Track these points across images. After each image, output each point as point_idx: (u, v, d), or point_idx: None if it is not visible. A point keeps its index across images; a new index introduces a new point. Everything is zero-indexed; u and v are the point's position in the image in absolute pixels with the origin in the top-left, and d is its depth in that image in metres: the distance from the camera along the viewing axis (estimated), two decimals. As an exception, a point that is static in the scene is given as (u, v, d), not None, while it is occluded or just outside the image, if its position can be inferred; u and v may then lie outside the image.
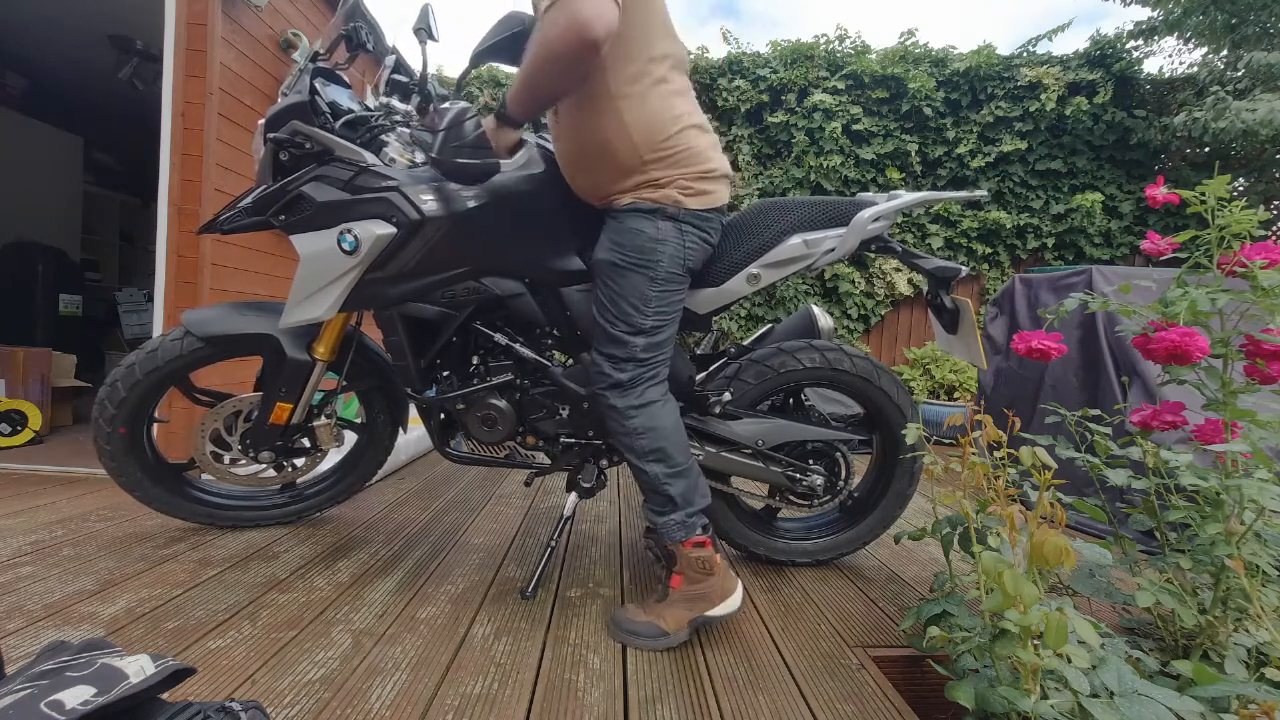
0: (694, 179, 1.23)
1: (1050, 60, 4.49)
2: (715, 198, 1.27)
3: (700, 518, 1.27)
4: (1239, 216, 1.05)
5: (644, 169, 1.21)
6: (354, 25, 1.47)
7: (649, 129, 1.19)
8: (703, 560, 1.25)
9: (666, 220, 1.22)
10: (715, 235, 1.32)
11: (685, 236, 1.24)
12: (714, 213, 1.28)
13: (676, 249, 1.23)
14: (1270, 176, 4.34)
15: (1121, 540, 1.23)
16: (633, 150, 1.19)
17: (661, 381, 1.30)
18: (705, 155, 1.24)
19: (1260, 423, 1.04)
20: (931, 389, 4.06)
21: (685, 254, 1.25)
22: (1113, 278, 2.15)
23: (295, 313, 1.34)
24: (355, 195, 1.26)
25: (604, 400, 1.27)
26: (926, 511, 2.16)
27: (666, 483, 1.25)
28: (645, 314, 1.24)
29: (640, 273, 1.23)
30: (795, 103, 4.52)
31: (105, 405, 1.49)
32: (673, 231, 1.23)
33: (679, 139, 1.21)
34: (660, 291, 1.24)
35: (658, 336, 1.26)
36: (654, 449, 1.25)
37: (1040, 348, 1.16)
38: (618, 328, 1.24)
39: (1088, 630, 0.76)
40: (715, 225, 1.30)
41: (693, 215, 1.24)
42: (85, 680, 0.62)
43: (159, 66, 2.51)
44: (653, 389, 1.28)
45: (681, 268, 1.25)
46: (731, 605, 1.26)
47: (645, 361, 1.26)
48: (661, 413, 1.27)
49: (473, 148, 1.17)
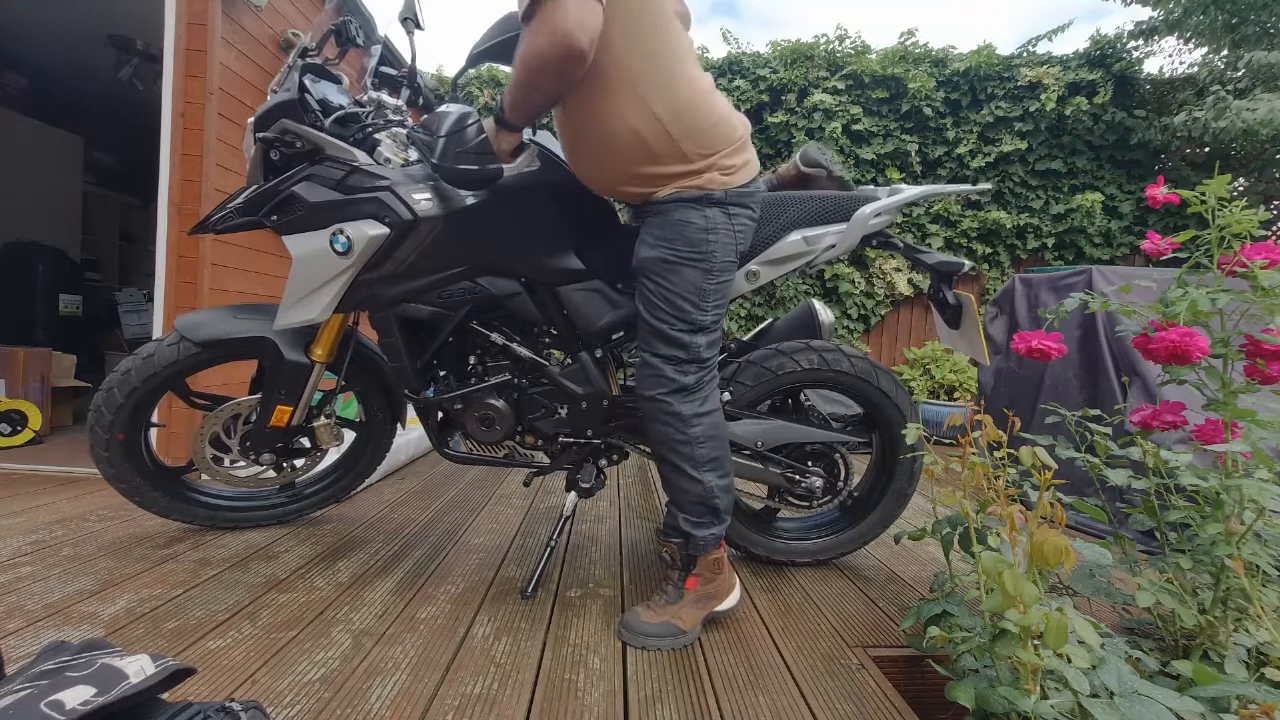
0: (731, 154, 1.16)
1: (1050, 60, 4.49)
2: (751, 167, 1.20)
3: (726, 524, 1.28)
4: (1239, 216, 1.05)
5: (681, 154, 1.13)
6: (344, 19, 1.46)
7: (676, 109, 1.11)
8: (718, 561, 1.27)
9: (713, 207, 1.16)
10: (759, 209, 1.25)
11: (734, 220, 1.18)
12: (754, 185, 1.21)
13: (728, 235, 1.17)
14: (1270, 176, 4.34)
15: (1121, 540, 1.23)
16: (663, 135, 1.12)
17: (715, 381, 1.27)
18: (732, 123, 1.17)
19: (1260, 423, 1.04)
20: (931, 389, 4.06)
21: (736, 239, 1.19)
22: (1113, 278, 2.15)
23: (289, 315, 1.33)
24: (347, 195, 1.26)
25: (665, 407, 1.20)
26: (926, 511, 2.16)
27: (718, 496, 1.23)
28: (705, 309, 1.18)
29: (695, 266, 1.16)
30: (795, 103, 4.52)
31: (102, 412, 1.48)
32: (722, 218, 1.16)
33: (708, 113, 1.14)
34: (717, 284, 1.19)
35: (715, 333, 1.22)
36: (713, 458, 1.22)
37: (1040, 348, 1.16)
38: (676, 327, 1.18)
39: (1088, 630, 0.76)
40: (757, 199, 1.23)
41: (738, 195, 1.18)
42: (85, 680, 0.62)
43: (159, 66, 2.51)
44: (714, 391, 1.24)
45: (735, 254, 1.20)
46: (735, 599, 1.29)
47: (707, 362, 1.21)
48: (719, 419, 1.24)
49: (475, 153, 1.17)
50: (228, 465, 1.63)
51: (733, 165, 1.17)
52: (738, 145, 1.18)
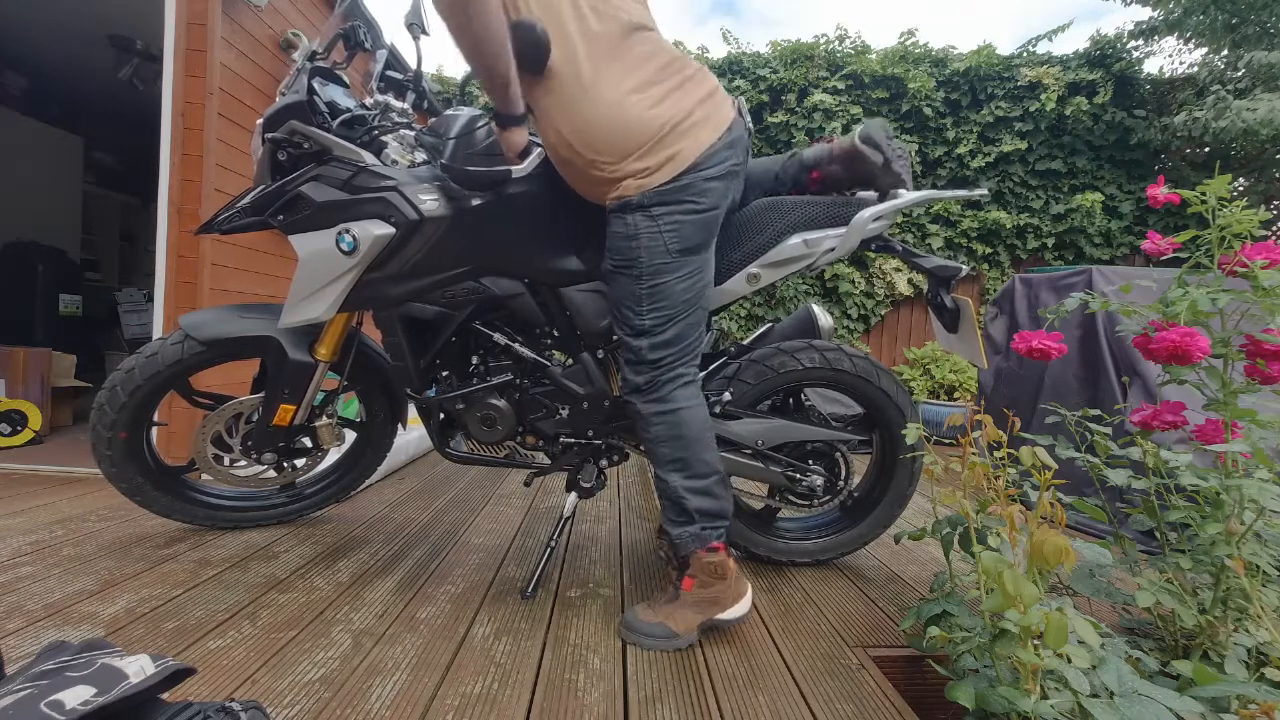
0: (643, 155, 1.13)
1: (1050, 60, 4.49)
2: (679, 159, 1.13)
3: (718, 529, 1.24)
4: (1239, 216, 1.05)
5: (598, 168, 1.14)
6: (352, 24, 1.47)
7: (578, 130, 1.13)
8: (715, 565, 1.23)
9: (634, 212, 1.15)
10: (708, 193, 1.17)
11: (660, 220, 1.15)
12: (691, 172, 1.14)
13: (653, 238, 1.15)
14: (1270, 176, 4.35)
15: (1121, 540, 1.23)
16: (576, 155, 1.15)
17: (688, 383, 1.24)
18: (645, 124, 1.11)
19: (1260, 423, 1.04)
20: (931, 389, 4.06)
21: (665, 239, 1.16)
22: (1113, 278, 2.15)
23: (294, 313, 1.34)
24: (354, 195, 1.26)
25: (630, 407, 1.25)
26: (926, 511, 2.16)
27: (684, 495, 1.22)
28: (640, 314, 1.20)
29: (625, 274, 1.19)
30: (795, 103, 4.52)
31: (105, 410, 1.48)
32: (644, 221, 1.15)
33: (609, 127, 1.12)
34: (650, 288, 1.18)
35: (662, 335, 1.20)
36: (674, 459, 1.22)
37: (1040, 348, 1.16)
38: (624, 331, 1.23)
39: (1088, 630, 0.76)
40: (695, 188, 1.15)
41: (657, 194, 1.14)
42: (85, 680, 0.62)
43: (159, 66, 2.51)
44: (678, 391, 1.22)
45: (669, 254, 1.16)
46: (741, 609, 1.23)
47: (657, 363, 1.21)
48: (686, 419, 1.22)
49: (484, 155, 1.16)
50: (229, 464, 1.63)
51: (646, 167, 1.13)
52: (650, 145, 1.13)
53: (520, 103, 1.13)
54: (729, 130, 1.18)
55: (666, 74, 1.16)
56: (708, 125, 1.16)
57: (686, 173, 1.14)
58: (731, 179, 1.21)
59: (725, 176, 1.18)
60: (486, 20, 1.02)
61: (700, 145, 1.14)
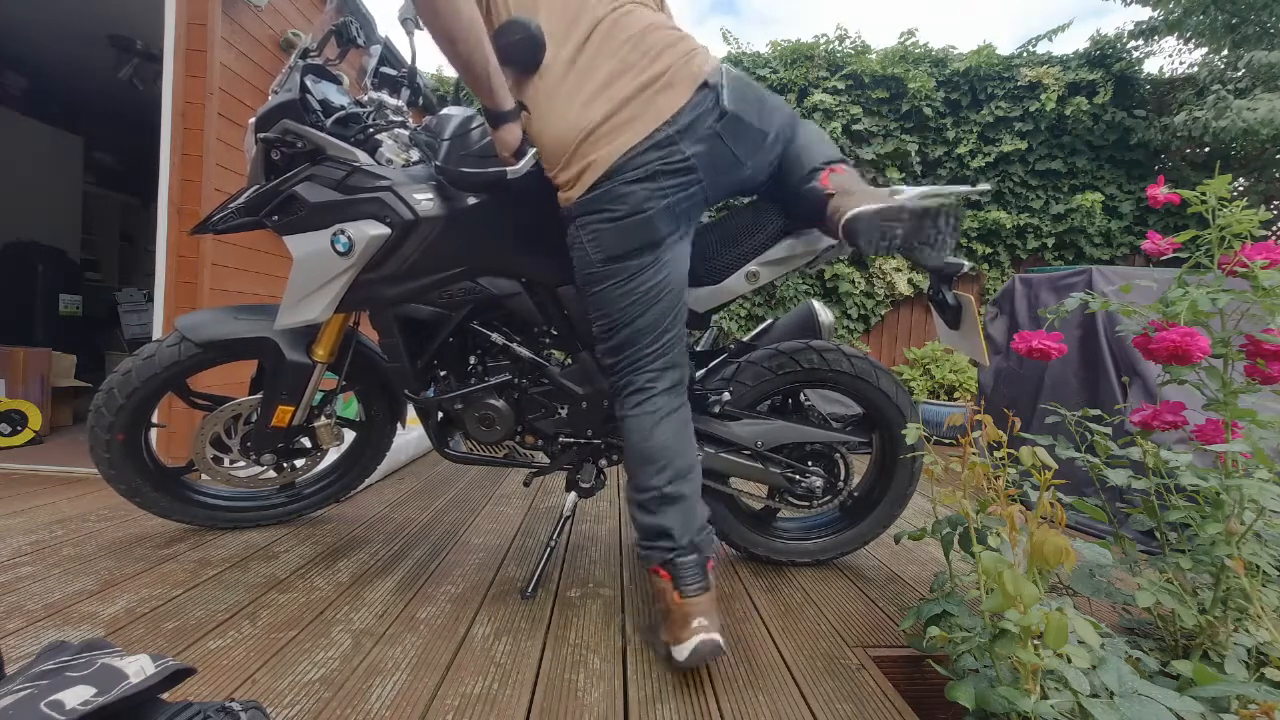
0: (562, 170, 1.13)
1: (1050, 60, 4.49)
2: (593, 168, 1.09)
3: (656, 549, 1.16)
4: (1240, 216, 1.05)
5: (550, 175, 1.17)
6: (345, 19, 1.46)
7: (537, 127, 1.13)
8: (659, 591, 1.16)
9: (569, 224, 1.17)
10: (625, 199, 1.09)
11: (585, 230, 1.14)
12: (607, 180, 1.09)
13: (580, 249, 1.16)
14: (1271, 176, 4.35)
15: (1121, 540, 1.23)
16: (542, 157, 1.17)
17: (634, 391, 1.19)
18: (566, 130, 1.09)
19: (1261, 423, 1.04)
20: (931, 389, 4.06)
21: (589, 250, 1.14)
22: (1113, 278, 2.15)
23: (290, 315, 1.33)
24: (348, 195, 1.26)
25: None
26: (926, 511, 2.16)
27: (631, 505, 1.21)
28: (593, 321, 1.22)
29: (572, 284, 1.23)
30: (795, 103, 4.52)
31: (102, 412, 1.48)
32: (575, 233, 1.16)
33: (545, 128, 1.12)
34: (591, 296, 1.19)
35: (610, 342, 1.19)
36: (627, 467, 1.22)
37: (1040, 347, 1.16)
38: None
39: (1088, 630, 0.76)
40: (616, 191, 1.09)
41: (579, 206, 1.13)
42: (85, 680, 0.62)
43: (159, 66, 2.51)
44: (627, 399, 1.20)
45: (595, 264, 1.15)
46: (678, 654, 1.06)
47: (611, 369, 1.22)
48: (629, 427, 1.19)
49: (479, 156, 1.16)
50: (228, 465, 1.63)
51: (568, 180, 1.13)
52: (568, 157, 1.11)
53: (506, 98, 1.09)
54: (668, 123, 1.08)
55: (617, 57, 1.10)
56: (632, 127, 1.08)
57: (602, 180, 1.09)
58: (666, 176, 1.10)
59: (651, 177, 1.09)
60: (456, 8, 1.00)
61: (617, 151, 1.08)
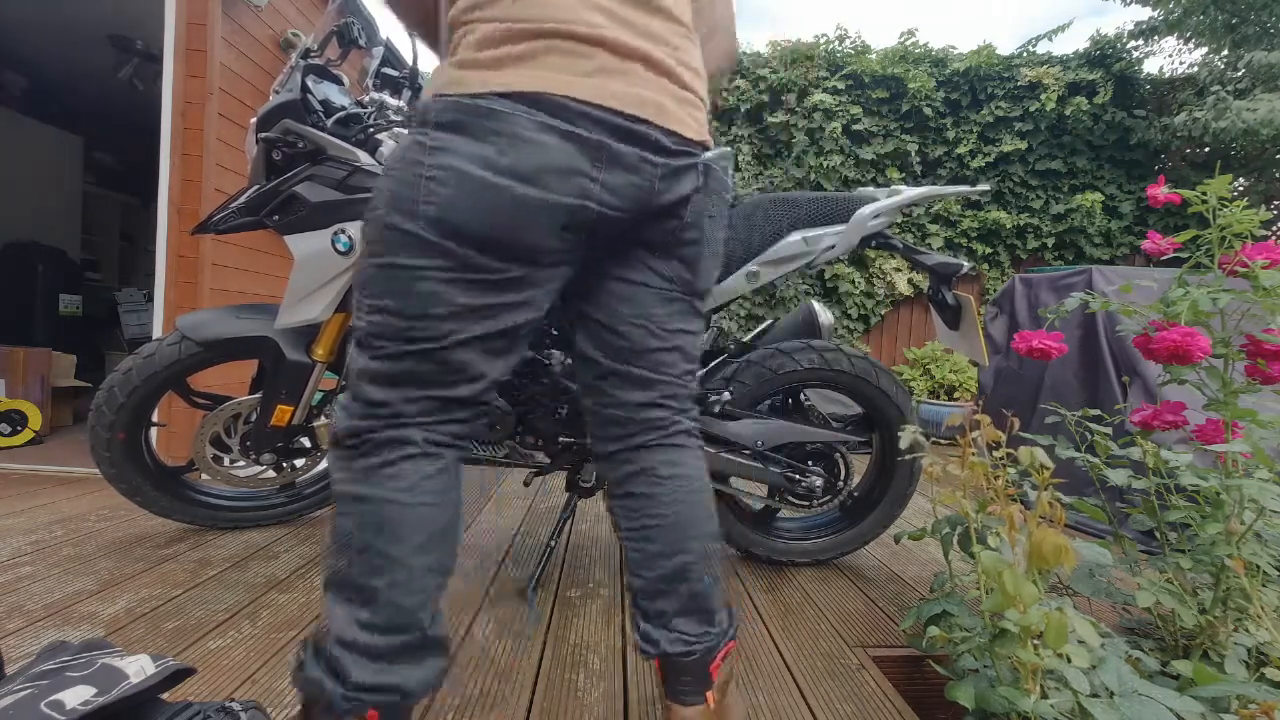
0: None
1: (1050, 60, 4.49)
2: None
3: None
4: (1240, 216, 1.05)
5: None
6: (346, 20, 1.46)
7: None
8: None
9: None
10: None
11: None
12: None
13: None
14: (1271, 176, 4.35)
15: (1121, 540, 1.23)
16: None
17: (408, 459, 0.75)
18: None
19: (1261, 423, 1.04)
20: (931, 389, 4.06)
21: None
22: (1113, 278, 2.15)
23: (291, 314, 1.33)
24: (349, 195, 1.26)
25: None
26: (926, 511, 2.16)
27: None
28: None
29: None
30: (795, 103, 4.52)
31: (103, 411, 1.48)
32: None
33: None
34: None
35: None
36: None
37: (1041, 347, 1.16)
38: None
39: (1088, 630, 0.76)
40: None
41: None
42: (85, 680, 0.62)
43: (159, 66, 2.51)
44: (384, 464, 0.74)
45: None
46: None
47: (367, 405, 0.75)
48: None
49: None
50: (228, 465, 1.63)
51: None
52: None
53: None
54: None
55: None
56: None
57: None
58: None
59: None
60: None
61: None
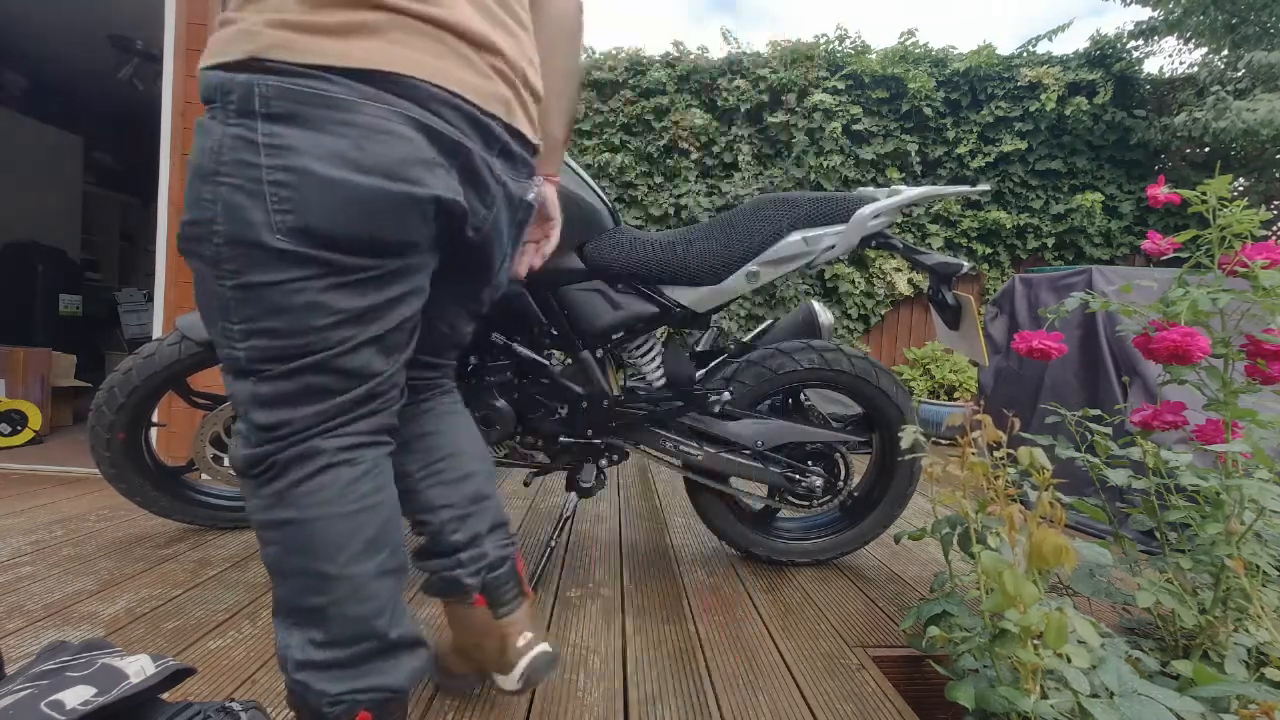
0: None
1: (1050, 60, 4.49)
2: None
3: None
4: (1240, 216, 1.05)
5: None
6: None
7: None
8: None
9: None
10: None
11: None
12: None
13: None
14: (1271, 176, 4.35)
15: (1121, 540, 1.23)
16: None
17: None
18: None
19: (1261, 423, 1.04)
20: (931, 389, 4.06)
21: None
22: (1113, 278, 2.15)
23: None
24: None
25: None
26: (926, 511, 2.16)
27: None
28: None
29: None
30: (795, 103, 4.52)
31: (103, 411, 1.48)
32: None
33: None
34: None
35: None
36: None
37: (1041, 347, 1.16)
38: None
39: (1088, 630, 0.76)
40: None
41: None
42: (85, 680, 0.62)
43: (159, 66, 2.51)
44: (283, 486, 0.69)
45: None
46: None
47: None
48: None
49: None
50: (228, 465, 1.63)
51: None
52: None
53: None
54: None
55: None
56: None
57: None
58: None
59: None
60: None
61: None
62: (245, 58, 0.61)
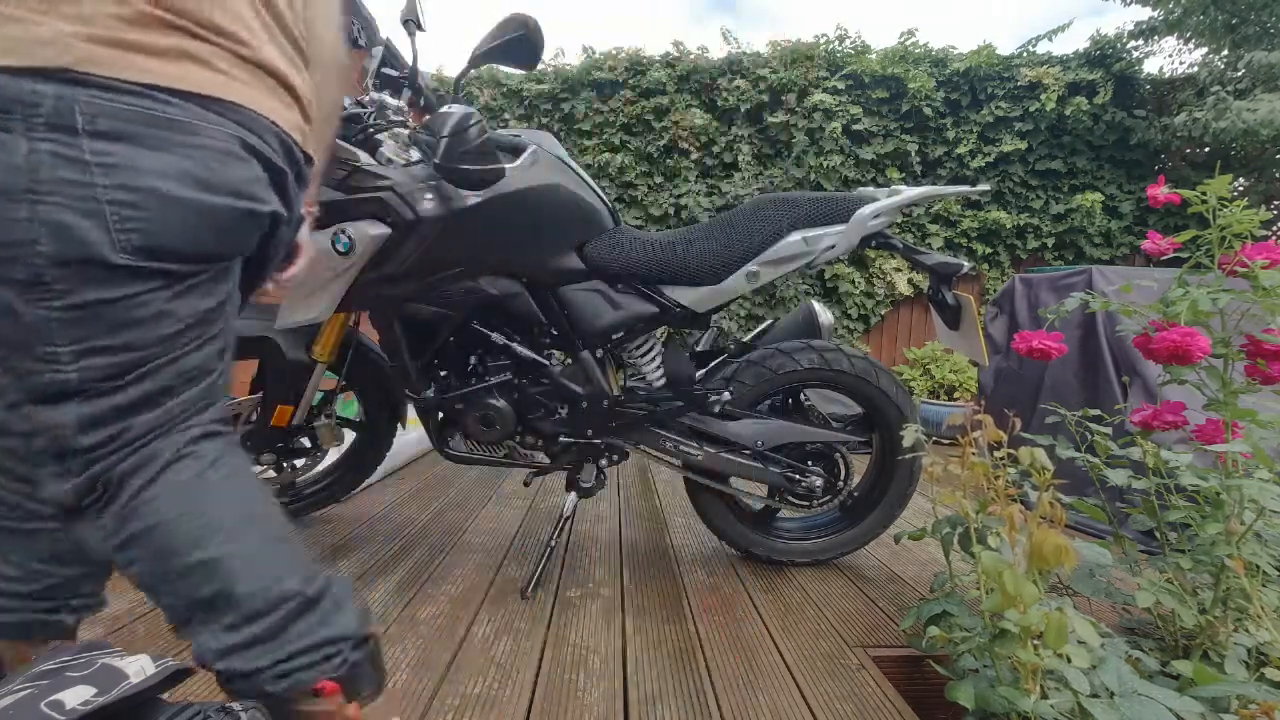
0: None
1: (1050, 60, 4.49)
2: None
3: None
4: (1240, 216, 1.05)
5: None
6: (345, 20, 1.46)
7: None
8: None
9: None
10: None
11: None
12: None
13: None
14: (1271, 176, 4.35)
15: (1121, 540, 1.23)
16: None
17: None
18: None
19: (1261, 423, 1.04)
20: (931, 389, 4.06)
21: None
22: (1113, 278, 2.15)
23: (291, 314, 1.33)
24: (349, 195, 1.26)
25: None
26: (926, 511, 2.16)
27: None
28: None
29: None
30: (795, 103, 4.52)
31: None
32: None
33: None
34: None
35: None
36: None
37: (1041, 347, 1.16)
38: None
39: (1088, 630, 0.76)
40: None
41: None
42: (85, 680, 0.62)
43: None
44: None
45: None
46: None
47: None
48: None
49: (477, 154, 1.17)
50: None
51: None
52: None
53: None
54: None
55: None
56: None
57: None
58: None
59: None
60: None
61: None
62: (53, 68, 0.57)
